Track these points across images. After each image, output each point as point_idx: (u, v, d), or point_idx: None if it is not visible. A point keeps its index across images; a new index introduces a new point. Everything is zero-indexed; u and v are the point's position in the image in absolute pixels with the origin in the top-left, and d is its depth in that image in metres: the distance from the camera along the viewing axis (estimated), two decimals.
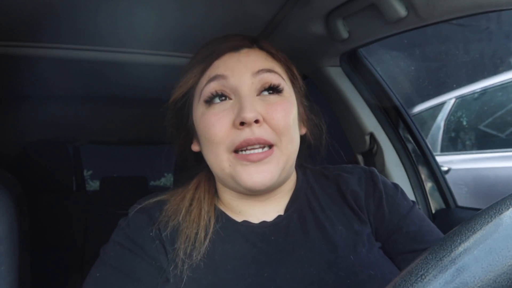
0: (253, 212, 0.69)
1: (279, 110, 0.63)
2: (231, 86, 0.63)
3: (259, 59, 0.66)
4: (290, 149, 0.65)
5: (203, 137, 0.64)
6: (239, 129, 0.60)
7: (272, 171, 0.62)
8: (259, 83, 0.64)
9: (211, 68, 0.66)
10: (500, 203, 0.30)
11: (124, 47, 1.26)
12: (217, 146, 0.62)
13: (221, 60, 0.66)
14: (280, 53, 0.70)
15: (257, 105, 0.62)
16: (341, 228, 0.66)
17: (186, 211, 0.66)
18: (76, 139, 2.58)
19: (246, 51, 0.67)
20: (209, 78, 0.64)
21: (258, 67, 0.64)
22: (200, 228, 0.64)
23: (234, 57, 0.66)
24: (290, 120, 0.64)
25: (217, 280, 0.59)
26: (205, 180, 0.73)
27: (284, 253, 0.63)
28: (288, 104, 0.65)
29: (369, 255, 0.63)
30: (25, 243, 0.86)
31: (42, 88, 1.63)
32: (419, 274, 0.29)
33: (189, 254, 0.61)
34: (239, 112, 0.60)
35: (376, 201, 0.70)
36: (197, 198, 0.69)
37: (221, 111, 0.63)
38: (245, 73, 0.64)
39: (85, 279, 0.63)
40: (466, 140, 3.35)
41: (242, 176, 0.61)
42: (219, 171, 0.65)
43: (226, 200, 0.71)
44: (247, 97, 0.62)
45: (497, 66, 3.86)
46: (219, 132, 0.61)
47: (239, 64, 0.65)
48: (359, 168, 0.76)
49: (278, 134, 0.62)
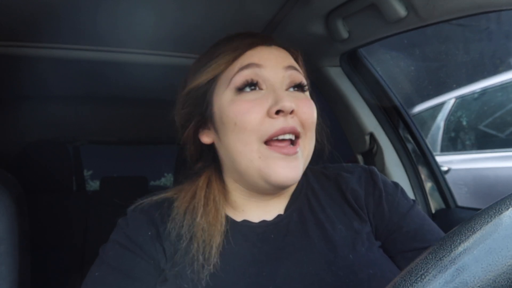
0: (255, 210, 0.69)
1: (308, 105, 0.65)
2: (264, 76, 0.64)
3: (287, 56, 0.69)
4: (310, 145, 0.67)
5: (232, 124, 0.62)
6: (274, 118, 0.61)
7: (299, 167, 0.63)
8: (288, 78, 0.66)
9: (244, 56, 0.66)
10: (500, 203, 0.30)
11: (124, 47, 1.26)
12: (249, 135, 0.61)
13: (254, 50, 0.66)
14: (301, 59, 0.74)
15: (290, 98, 0.63)
16: (340, 227, 0.66)
17: (204, 211, 0.64)
18: (76, 139, 2.57)
19: (276, 48, 0.69)
20: (242, 65, 0.64)
21: (288, 63, 0.67)
22: (216, 233, 0.62)
23: (266, 50, 0.67)
24: (315, 117, 0.67)
25: (217, 280, 0.59)
26: (216, 178, 0.71)
27: (283, 253, 0.63)
28: (312, 103, 0.68)
29: (368, 254, 0.63)
30: (25, 243, 0.86)
31: (42, 88, 1.63)
32: (419, 274, 0.29)
33: (207, 259, 0.60)
34: (276, 101, 0.61)
35: (376, 199, 0.70)
36: (212, 199, 0.67)
37: (254, 99, 0.62)
38: (278, 65, 0.65)
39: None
40: (466, 140, 3.35)
41: (276, 170, 0.60)
42: (245, 162, 0.62)
43: (232, 198, 0.70)
44: (280, 88, 0.64)
45: (497, 66, 3.86)
46: (253, 120, 0.61)
47: (271, 56, 0.66)
48: (359, 167, 0.76)
49: (305, 128, 0.64)
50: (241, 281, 0.59)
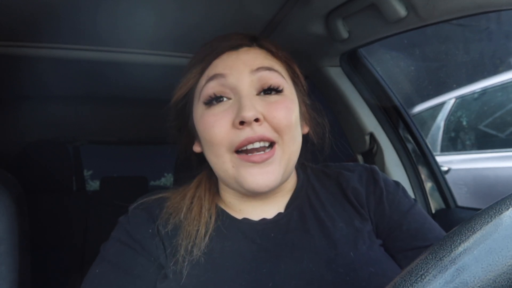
0: (253, 210, 0.69)
1: (280, 109, 0.62)
2: (230, 85, 0.62)
3: (258, 57, 0.66)
4: (291, 148, 0.64)
5: (203, 138, 0.64)
6: (239, 128, 0.60)
7: (275, 172, 0.61)
8: (258, 82, 0.63)
9: (210, 68, 0.65)
10: (500, 203, 0.30)
11: (124, 47, 1.26)
12: (218, 147, 0.62)
13: (220, 59, 0.65)
14: (281, 51, 0.70)
15: (257, 104, 0.61)
16: (341, 225, 0.66)
17: (187, 209, 0.66)
18: (76, 139, 2.57)
19: (245, 50, 0.67)
20: (207, 77, 0.64)
21: (257, 65, 0.64)
22: (200, 225, 0.64)
23: (233, 55, 0.65)
24: (292, 119, 0.64)
25: (216, 277, 0.59)
26: (206, 179, 0.73)
27: (283, 250, 0.63)
28: (289, 102, 0.64)
29: (369, 252, 0.63)
30: (25, 243, 0.86)
31: (42, 88, 1.63)
32: (419, 274, 0.29)
33: (190, 251, 0.61)
34: (238, 111, 0.59)
35: (377, 198, 0.70)
36: (197, 196, 0.69)
37: (221, 111, 0.62)
38: (243, 70, 0.63)
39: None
40: (466, 140, 3.35)
41: (246, 178, 0.60)
42: (222, 172, 0.64)
43: (227, 199, 0.71)
44: (246, 96, 0.61)
45: (497, 66, 3.86)
46: (218, 133, 0.61)
47: (237, 61, 0.64)
48: (360, 166, 0.76)
49: (280, 132, 0.62)
50: (240, 278, 0.59)
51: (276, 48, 0.69)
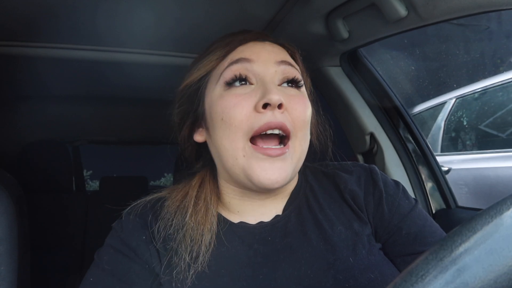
0: (251, 212, 0.67)
1: (300, 103, 0.63)
2: (255, 71, 0.62)
3: (282, 52, 0.67)
4: (303, 146, 0.64)
5: (219, 120, 0.61)
6: (261, 112, 0.59)
7: (286, 169, 0.60)
8: (281, 74, 0.64)
9: (234, 52, 0.65)
10: (501, 203, 0.29)
11: (124, 47, 1.26)
12: (235, 131, 0.59)
13: (246, 46, 0.65)
14: (300, 56, 0.71)
15: (280, 92, 0.60)
16: (340, 228, 0.65)
17: (193, 211, 0.64)
18: (76, 139, 2.58)
19: (270, 43, 0.68)
20: (232, 60, 0.63)
21: (282, 58, 0.65)
22: (205, 231, 0.62)
23: (259, 45, 0.66)
24: (308, 115, 0.64)
25: (211, 284, 0.58)
26: (210, 178, 0.70)
27: (281, 254, 0.61)
28: (306, 99, 0.65)
29: (369, 257, 0.61)
30: (25, 243, 0.86)
31: (42, 88, 1.63)
32: (420, 274, 0.29)
33: (195, 258, 0.59)
34: (264, 94, 0.59)
35: (376, 200, 0.68)
36: (203, 198, 0.66)
37: (243, 93, 0.61)
38: (269, 60, 0.63)
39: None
40: (466, 140, 3.35)
41: (256, 171, 0.58)
42: (231, 160, 0.61)
43: (226, 199, 0.69)
44: (271, 82, 0.61)
45: (497, 66, 3.87)
46: (239, 115, 0.59)
47: (263, 51, 0.64)
48: (359, 166, 0.74)
49: (296, 126, 0.62)
50: (236, 284, 0.58)
51: (295, 49, 0.71)
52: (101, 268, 0.61)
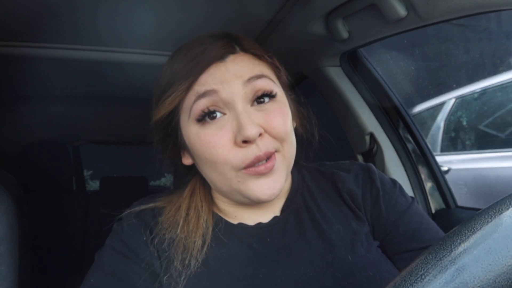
0: (248, 215, 0.68)
1: (277, 116, 0.61)
2: (223, 100, 0.59)
3: (246, 64, 0.62)
4: (290, 152, 0.64)
5: (203, 157, 0.61)
6: (243, 147, 0.58)
7: (280, 179, 0.60)
8: (251, 92, 0.60)
9: (198, 83, 0.60)
10: (500, 203, 0.29)
11: (124, 47, 1.26)
12: (222, 166, 0.59)
13: (207, 73, 0.60)
14: (264, 53, 0.66)
15: (254, 117, 0.59)
16: (338, 227, 0.65)
17: (184, 222, 0.64)
18: (76, 139, 2.58)
19: (232, 58, 0.62)
20: (198, 94, 0.59)
21: (248, 75, 0.60)
22: (197, 237, 0.62)
23: (221, 67, 0.60)
24: (288, 124, 0.63)
25: (211, 285, 0.59)
26: (200, 186, 0.70)
27: (280, 254, 0.62)
28: (283, 107, 0.63)
29: (367, 255, 0.62)
30: (25, 243, 0.86)
31: (42, 88, 1.63)
32: (419, 274, 0.29)
33: (187, 265, 0.59)
34: (239, 129, 0.57)
35: (373, 198, 0.68)
36: (193, 207, 0.66)
37: (219, 129, 0.59)
38: (236, 83, 0.59)
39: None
40: (466, 140, 3.35)
41: (253, 189, 0.59)
42: (225, 187, 0.62)
43: (221, 207, 0.69)
44: (243, 112, 0.58)
45: (497, 66, 3.87)
46: (221, 153, 0.58)
47: (228, 74, 0.60)
48: (356, 165, 0.74)
49: (280, 141, 0.61)
50: (236, 284, 0.58)
51: (259, 50, 0.66)
52: (102, 269, 0.61)
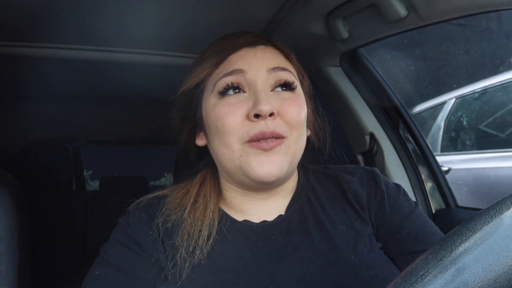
0: (254, 211, 0.69)
1: (293, 105, 0.64)
2: (247, 79, 0.64)
3: (274, 56, 0.68)
4: (298, 144, 0.66)
5: (214, 127, 0.64)
6: (253, 121, 0.61)
7: (281, 161, 0.62)
8: (274, 79, 0.65)
9: (227, 62, 0.66)
10: (501, 203, 0.29)
11: (124, 47, 1.26)
12: (230, 136, 0.62)
13: (238, 54, 0.66)
14: (292, 54, 0.72)
15: (272, 99, 0.62)
16: (342, 227, 0.66)
17: (191, 207, 0.66)
18: (76, 139, 2.58)
19: (262, 48, 0.68)
20: (225, 71, 0.65)
21: (274, 64, 0.66)
22: (204, 227, 0.63)
23: (251, 52, 0.67)
24: (302, 116, 0.66)
25: (216, 279, 0.59)
26: (211, 177, 0.72)
27: (284, 252, 0.63)
28: (301, 100, 0.67)
29: (370, 255, 0.63)
30: (25, 243, 0.86)
31: (42, 88, 1.63)
32: (419, 274, 0.29)
33: (191, 252, 0.60)
34: (254, 104, 0.61)
35: (378, 201, 0.70)
36: (202, 195, 0.68)
37: (235, 102, 0.63)
38: (261, 68, 0.65)
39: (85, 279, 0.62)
40: (466, 140, 3.35)
41: (253, 165, 0.61)
42: (228, 162, 0.64)
43: (229, 199, 0.70)
44: (262, 91, 0.63)
45: (497, 66, 3.87)
46: (232, 123, 0.62)
47: (255, 59, 0.66)
48: (361, 169, 0.76)
49: (290, 127, 0.63)
50: (241, 280, 0.59)
51: (289, 50, 0.72)
52: (107, 262, 0.62)
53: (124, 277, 0.60)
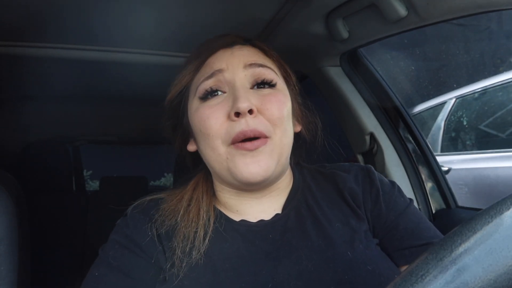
0: (250, 210, 0.69)
1: (273, 101, 0.64)
2: (226, 79, 0.65)
3: (251, 53, 0.69)
4: (284, 141, 0.65)
5: (199, 131, 0.65)
6: (234, 120, 0.61)
7: (267, 161, 0.62)
8: (252, 77, 0.65)
9: (206, 65, 0.67)
10: (501, 203, 0.29)
11: (124, 47, 1.26)
12: (214, 139, 0.63)
13: (215, 56, 0.68)
14: (272, 50, 0.72)
15: (251, 96, 0.63)
16: (338, 225, 0.67)
17: (184, 211, 0.66)
18: (76, 139, 2.58)
19: (239, 47, 0.69)
20: (206, 75, 0.66)
21: (251, 61, 0.66)
22: (199, 227, 0.64)
23: (228, 52, 0.68)
24: (284, 112, 0.65)
25: (215, 279, 0.60)
26: (203, 180, 0.73)
27: (282, 251, 0.63)
28: (282, 96, 0.66)
29: (366, 251, 0.63)
30: (25, 243, 0.86)
31: (42, 88, 1.63)
32: (419, 274, 0.29)
33: (188, 253, 0.61)
34: (233, 103, 0.61)
35: (373, 198, 0.70)
36: (195, 198, 0.69)
37: (216, 104, 0.64)
38: (238, 66, 0.65)
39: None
40: (466, 140, 3.35)
41: (239, 167, 0.61)
42: (217, 165, 0.65)
43: (224, 200, 0.71)
44: (240, 88, 0.63)
45: (497, 66, 3.87)
46: (214, 125, 0.62)
47: (232, 57, 0.66)
48: (356, 166, 0.76)
49: (273, 125, 0.63)
50: (240, 279, 0.59)
51: (268, 47, 0.72)
52: (107, 263, 0.62)
53: (124, 278, 0.60)
